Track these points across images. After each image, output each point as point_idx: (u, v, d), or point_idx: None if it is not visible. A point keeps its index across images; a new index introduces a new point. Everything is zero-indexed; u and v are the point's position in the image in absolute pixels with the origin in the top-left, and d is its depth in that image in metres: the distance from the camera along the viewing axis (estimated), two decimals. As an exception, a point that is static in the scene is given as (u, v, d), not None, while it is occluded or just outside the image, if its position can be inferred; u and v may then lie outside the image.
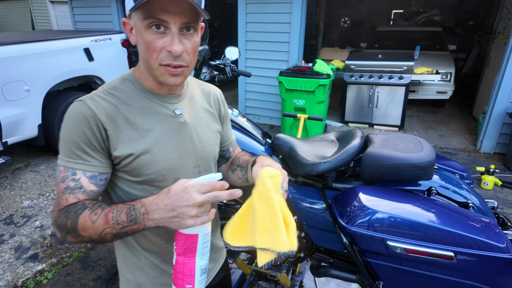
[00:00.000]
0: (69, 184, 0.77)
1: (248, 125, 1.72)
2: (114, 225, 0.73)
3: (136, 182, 0.83)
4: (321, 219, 1.53)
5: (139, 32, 0.75)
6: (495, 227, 1.16)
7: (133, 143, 0.80)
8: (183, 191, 0.69)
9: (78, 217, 0.74)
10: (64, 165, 0.78)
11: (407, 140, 1.48)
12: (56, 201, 0.78)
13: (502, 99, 3.82)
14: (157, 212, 0.71)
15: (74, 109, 0.78)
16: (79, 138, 0.76)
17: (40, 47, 3.60)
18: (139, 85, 0.84)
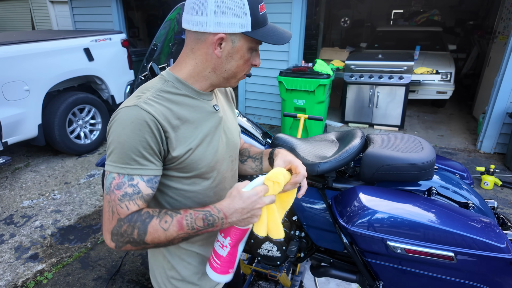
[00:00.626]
0: (126, 190, 0.77)
1: (248, 125, 1.72)
2: (188, 230, 0.81)
3: (186, 177, 0.88)
4: (321, 219, 1.53)
5: (239, 50, 0.83)
6: (495, 227, 1.16)
7: (188, 140, 0.85)
8: (256, 196, 0.83)
9: (147, 226, 0.77)
10: (118, 171, 0.77)
11: (407, 140, 1.48)
12: (110, 209, 0.78)
13: (502, 99, 3.82)
14: (235, 215, 0.83)
15: (130, 114, 0.77)
16: (139, 144, 0.77)
17: (40, 47, 3.60)
18: (182, 84, 0.87)
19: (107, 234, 0.78)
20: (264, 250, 1.67)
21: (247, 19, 0.80)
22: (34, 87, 3.53)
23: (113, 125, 0.79)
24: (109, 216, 0.78)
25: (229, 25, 0.79)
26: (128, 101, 0.81)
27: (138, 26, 8.68)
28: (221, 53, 0.82)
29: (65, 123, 3.90)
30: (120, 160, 0.77)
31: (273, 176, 0.87)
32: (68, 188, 3.43)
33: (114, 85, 4.45)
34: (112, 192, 0.77)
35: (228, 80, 0.88)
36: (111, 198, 0.77)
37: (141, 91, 0.84)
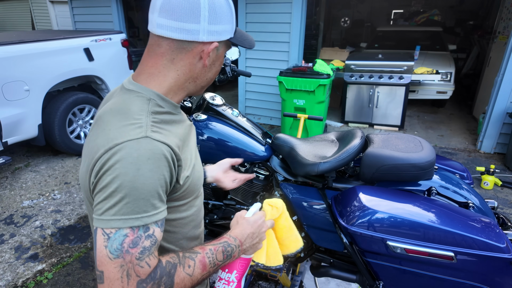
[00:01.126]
0: (144, 245, 0.62)
1: (248, 125, 1.72)
2: (211, 268, 0.73)
3: (184, 204, 0.78)
4: (321, 219, 1.53)
5: (220, 57, 0.79)
6: (495, 227, 1.16)
7: (187, 161, 0.75)
8: (260, 219, 0.84)
9: (173, 278, 0.66)
10: (132, 225, 0.61)
11: (407, 140, 1.48)
12: (124, 274, 0.60)
13: (502, 99, 3.82)
14: (248, 240, 0.82)
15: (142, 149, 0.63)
16: (158, 183, 0.64)
17: (40, 47, 3.60)
18: (164, 101, 0.75)
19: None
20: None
21: (233, 25, 0.76)
22: (34, 87, 3.52)
23: (117, 166, 0.61)
24: (123, 283, 0.60)
25: (221, 32, 0.74)
26: (126, 132, 0.64)
27: (138, 26, 8.68)
28: (208, 62, 0.76)
29: (65, 123, 3.90)
30: (135, 211, 0.61)
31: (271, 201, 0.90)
32: (68, 188, 3.43)
33: (114, 85, 4.45)
34: (126, 253, 0.60)
35: (203, 88, 0.82)
36: (125, 261, 0.60)
37: (131, 117, 0.67)
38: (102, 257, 0.60)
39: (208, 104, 1.72)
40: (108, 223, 0.61)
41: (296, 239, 0.97)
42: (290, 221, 0.96)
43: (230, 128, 1.66)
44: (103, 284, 0.61)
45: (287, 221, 0.95)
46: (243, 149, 1.62)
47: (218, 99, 1.77)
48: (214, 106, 1.71)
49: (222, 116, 1.70)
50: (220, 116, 1.70)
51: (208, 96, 1.75)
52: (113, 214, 0.61)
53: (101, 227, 0.61)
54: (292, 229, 0.96)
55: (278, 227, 0.94)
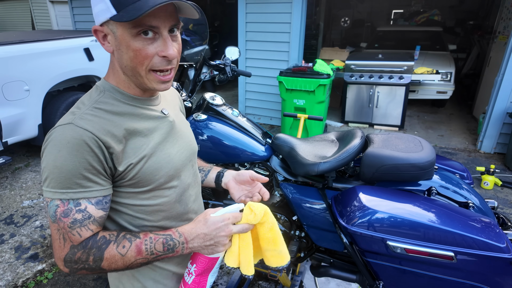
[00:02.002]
0: (75, 217, 0.71)
1: (248, 125, 1.72)
2: (147, 255, 0.75)
3: (143, 191, 0.80)
4: (321, 219, 1.53)
5: (123, 40, 0.70)
6: (495, 227, 1.16)
7: (137, 151, 0.77)
8: (221, 222, 0.78)
9: (103, 252, 0.72)
10: (60, 198, 0.70)
11: (407, 140, 1.48)
12: (60, 237, 0.71)
13: (502, 99, 3.82)
14: (196, 240, 0.77)
15: (65, 134, 0.69)
16: (80, 165, 0.69)
17: (40, 47, 3.60)
18: (120, 93, 0.78)
19: (59, 261, 0.72)
20: (264, 250, 1.67)
21: (106, 3, 0.68)
22: (34, 87, 3.52)
23: (47, 147, 0.70)
24: (60, 243, 0.71)
25: (97, 14, 0.71)
26: (63, 119, 0.72)
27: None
28: (110, 48, 0.74)
29: (65, 123, 3.89)
30: (60, 185, 0.69)
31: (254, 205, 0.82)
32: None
33: (114, 85, 4.45)
34: (59, 220, 0.70)
35: (143, 79, 0.74)
36: (59, 226, 0.71)
37: (76, 106, 0.75)
38: (48, 218, 0.73)
39: (208, 104, 1.72)
40: (45, 193, 0.72)
41: (280, 255, 0.86)
42: (276, 233, 0.85)
43: (230, 128, 1.66)
44: (52, 240, 0.75)
45: (271, 232, 0.84)
46: (243, 149, 1.62)
47: (218, 99, 1.77)
48: (214, 106, 1.71)
49: (222, 116, 1.70)
50: (220, 116, 1.70)
51: (208, 96, 1.75)
52: (46, 186, 0.71)
53: (43, 195, 0.74)
54: (277, 243, 0.85)
55: (260, 236, 0.85)
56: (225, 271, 2.31)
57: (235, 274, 2.16)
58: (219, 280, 2.22)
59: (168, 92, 0.98)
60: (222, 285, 2.18)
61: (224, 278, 2.24)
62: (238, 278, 2.12)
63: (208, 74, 2.17)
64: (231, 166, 1.73)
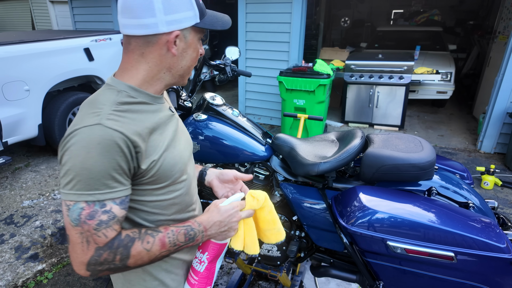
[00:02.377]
0: (101, 218, 0.71)
1: (248, 125, 1.72)
2: (170, 247, 0.80)
3: (161, 187, 0.83)
4: (321, 219, 1.53)
5: (192, 43, 0.82)
6: (496, 227, 1.16)
7: (157, 149, 0.80)
8: (232, 210, 0.88)
9: (129, 250, 0.74)
10: (87, 200, 0.70)
11: (407, 140, 1.48)
12: (84, 240, 0.71)
13: (502, 99, 3.82)
14: (213, 228, 0.86)
15: (94, 134, 0.69)
16: (110, 166, 0.70)
17: (40, 47, 3.60)
18: (137, 92, 0.81)
19: (81, 265, 0.72)
20: (264, 250, 1.67)
21: (195, 11, 0.78)
22: (34, 87, 3.52)
23: (72, 148, 0.69)
24: (83, 247, 0.71)
25: (181, 20, 0.77)
26: (85, 120, 0.72)
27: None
28: (177, 51, 0.79)
29: (66, 123, 3.90)
30: (87, 187, 0.69)
31: (254, 193, 0.94)
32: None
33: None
34: (84, 223, 0.70)
35: (183, 77, 0.86)
36: (83, 229, 0.70)
37: (95, 107, 0.74)
38: (67, 223, 0.71)
39: (208, 104, 1.72)
40: (67, 196, 0.70)
41: (278, 232, 1.01)
42: (274, 214, 0.99)
43: (230, 128, 1.66)
44: (70, 245, 0.73)
45: (270, 214, 0.98)
46: (243, 149, 1.62)
47: (218, 99, 1.77)
48: (214, 106, 1.71)
49: (222, 116, 1.70)
50: (220, 116, 1.70)
51: (208, 96, 1.75)
52: (69, 189, 0.70)
53: (63, 199, 0.71)
54: (275, 222, 1.00)
55: (260, 219, 0.98)
56: (225, 271, 2.31)
57: (235, 274, 2.16)
58: (219, 280, 2.22)
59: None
60: (222, 285, 2.18)
61: (224, 278, 2.24)
62: (238, 278, 2.12)
63: (208, 74, 2.17)
64: (231, 166, 1.73)
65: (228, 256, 1.86)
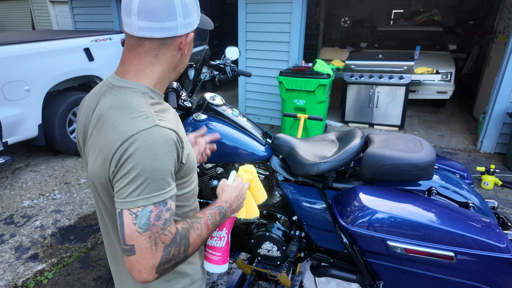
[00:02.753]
0: (165, 217, 0.73)
1: (248, 125, 1.72)
2: (212, 228, 0.87)
3: (186, 180, 0.88)
4: (321, 219, 1.53)
5: (190, 44, 0.87)
6: (495, 227, 1.16)
7: (187, 143, 0.85)
8: (240, 184, 1.03)
9: (188, 239, 0.79)
10: (155, 202, 0.71)
11: (407, 140, 1.48)
12: (152, 244, 0.71)
13: (502, 99, 3.82)
14: (235, 202, 0.98)
15: (155, 137, 0.71)
16: (171, 164, 0.74)
17: (40, 47, 3.60)
18: (155, 93, 0.83)
19: (152, 270, 0.71)
20: (264, 250, 1.67)
21: (199, 14, 0.85)
22: (34, 87, 3.53)
23: (137, 154, 0.70)
24: (153, 250, 0.71)
25: (192, 23, 0.83)
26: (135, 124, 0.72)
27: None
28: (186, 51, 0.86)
29: (65, 123, 3.90)
30: (156, 189, 0.71)
31: (246, 167, 1.11)
32: (68, 188, 3.43)
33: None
34: (153, 226, 0.71)
35: (180, 73, 0.91)
36: (152, 232, 0.71)
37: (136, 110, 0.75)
38: (132, 233, 0.70)
39: (208, 104, 1.72)
40: (134, 203, 0.70)
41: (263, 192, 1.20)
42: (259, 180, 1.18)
43: (230, 128, 1.66)
44: (135, 255, 0.71)
45: (258, 182, 1.17)
46: (243, 149, 1.62)
47: (218, 99, 1.77)
48: (214, 106, 1.71)
49: (222, 116, 1.70)
50: (220, 116, 1.70)
51: (208, 96, 1.75)
52: (137, 195, 0.70)
53: (127, 208, 0.71)
54: (261, 186, 1.19)
55: (252, 187, 1.15)
56: (225, 271, 2.31)
57: (235, 274, 2.16)
58: (219, 280, 2.22)
59: None
60: (222, 285, 2.18)
61: (224, 278, 2.24)
62: (238, 278, 2.12)
63: (208, 74, 2.17)
64: (231, 166, 1.73)
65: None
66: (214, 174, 1.74)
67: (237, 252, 1.89)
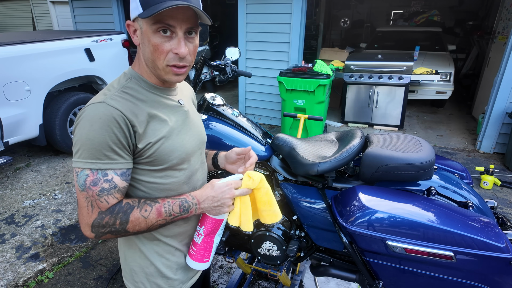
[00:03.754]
0: (103, 186, 0.79)
1: (248, 125, 1.73)
2: (166, 217, 0.87)
3: (157, 170, 0.89)
4: (321, 219, 1.54)
5: (146, 35, 0.81)
6: (495, 227, 1.16)
7: (156, 133, 0.86)
8: (225, 187, 0.93)
9: (128, 216, 0.82)
10: (90, 167, 0.78)
11: (407, 140, 1.49)
12: (88, 204, 0.79)
13: (501, 99, 3.82)
14: (206, 202, 0.92)
15: (97, 110, 0.79)
16: (109, 139, 0.78)
17: (41, 48, 3.60)
18: (144, 82, 0.89)
19: (86, 227, 0.80)
20: (264, 250, 1.67)
21: (136, 2, 0.80)
22: (35, 87, 3.53)
23: (80, 122, 0.79)
24: (88, 210, 0.80)
25: (131, 11, 0.83)
26: (95, 98, 0.83)
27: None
28: (137, 41, 0.85)
29: (66, 123, 3.90)
30: (90, 156, 0.78)
31: (251, 173, 0.99)
32: (69, 187, 3.44)
33: (114, 85, 4.46)
34: (88, 188, 0.79)
35: (158, 72, 0.85)
36: (88, 194, 0.79)
37: (107, 89, 0.86)
38: (76, 188, 0.81)
39: (209, 104, 1.72)
40: (75, 163, 0.80)
41: (274, 213, 1.06)
42: (270, 196, 1.04)
43: (230, 128, 1.67)
44: (78, 209, 0.82)
45: (267, 196, 1.03)
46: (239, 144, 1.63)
47: (219, 99, 1.78)
48: (214, 106, 1.72)
49: (223, 116, 1.71)
50: (221, 116, 1.71)
51: (209, 96, 1.76)
52: (77, 157, 0.79)
53: (73, 166, 0.81)
54: (271, 204, 1.05)
55: (257, 199, 1.03)
56: (225, 271, 2.32)
57: (235, 273, 2.17)
58: (219, 279, 2.23)
59: (186, 87, 1.11)
60: (223, 284, 2.19)
61: (224, 278, 2.24)
62: (238, 277, 2.13)
63: (208, 74, 2.18)
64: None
65: (228, 256, 1.87)
66: (214, 174, 1.75)
67: (237, 252, 1.90)
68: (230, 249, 1.87)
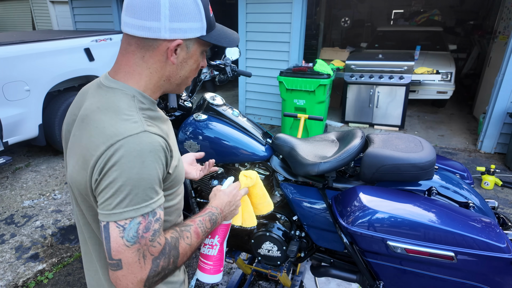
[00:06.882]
0: (155, 228, 0.69)
1: (248, 125, 1.72)
2: (203, 236, 0.84)
3: (171, 193, 0.82)
4: (321, 219, 1.53)
5: (193, 55, 0.79)
6: (496, 227, 1.16)
7: (176, 153, 0.81)
8: (234, 190, 0.99)
9: (178, 249, 0.75)
10: (143, 213, 0.66)
11: (408, 140, 1.48)
12: (140, 257, 0.67)
13: (502, 99, 3.82)
14: (226, 208, 0.95)
15: (143, 143, 0.67)
16: (160, 171, 0.70)
17: (41, 47, 3.60)
18: (145, 98, 0.78)
19: (139, 284, 0.67)
20: (265, 250, 1.67)
21: (202, 23, 0.76)
22: (34, 87, 3.53)
23: (123, 161, 0.64)
24: (141, 263, 0.67)
25: (186, 30, 0.74)
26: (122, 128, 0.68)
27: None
28: (176, 60, 0.76)
29: (66, 123, 3.90)
30: (144, 199, 0.66)
31: (246, 172, 1.07)
32: (68, 188, 3.43)
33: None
34: (141, 238, 0.66)
35: (180, 86, 0.83)
36: (141, 245, 0.66)
37: (123, 113, 0.71)
38: (119, 247, 0.65)
39: (209, 104, 1.72)
40: (122, 215, 0.65)
41: (268, 204, 1.16)
42: (264, 189, 1.13)
43: (231, 128, 1.66)
44: (122, 270, 0.66)
45: (261, 190, 1.12)
46: (243, 149, 1.63)
47: (219, 99, 1.77)
48: (214, 106, 1.71)
49: (223, 116, 1.70)
50: (221, 116, 1.70)
51: (209, 96, 1.75)
52: (125, 206, 0.65)
53: (114, 220, 0.65)
54: (265, 196, 1.14)
55: (253, 195, 1.11)
56: (225, 271, 2.31)
57: (235, 274, 2.16)
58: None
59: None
60: (223, 285, 2.18)
61: (224, 278, 2.24)
62: (239, 278, 2.12)
63: (208, 74, 2.17)
64: (231, 166, 1.73)
65: (228, 256, 1.86)
66: (214, 174, 1.74)
67: (237, 252, 1.89)
68: (230, 250, 1.87)
